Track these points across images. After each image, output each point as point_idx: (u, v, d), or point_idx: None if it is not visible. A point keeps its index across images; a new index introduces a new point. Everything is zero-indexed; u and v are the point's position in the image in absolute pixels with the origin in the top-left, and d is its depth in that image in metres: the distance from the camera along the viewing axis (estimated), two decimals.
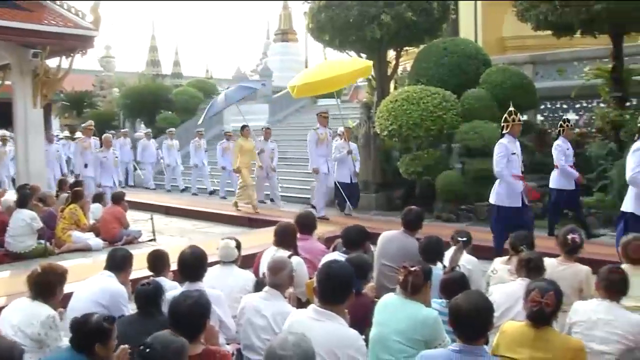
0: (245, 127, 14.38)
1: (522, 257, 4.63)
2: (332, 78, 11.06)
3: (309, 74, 11.77)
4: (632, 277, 4.45)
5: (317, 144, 12.74)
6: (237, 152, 14.16)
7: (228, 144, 17.10)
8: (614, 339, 3.99)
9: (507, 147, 8.29)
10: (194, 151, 18.67)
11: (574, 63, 16.88)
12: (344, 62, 13.09)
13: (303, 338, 2.80)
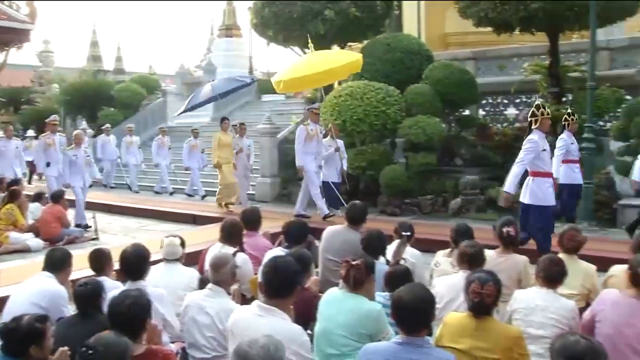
0: (225, 120, 13.84)
1: (463, 250, 4.71)
2: (322, 72, 10.35)
3: (296, 67, 10.98)
4: (567, 265, 4.59)
5: (306, 141, 11.84)
6: (215, 147, 13.43)
7: (196, 142, 16.64)
8: (550, 323, 4.13)
9: (537, 144, 7.92)
10: (156, 149, 17.91)
11: (514, 59, 17.28)
12: (333, 54, 12.29)
13: (275, 343, 2.78)
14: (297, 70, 10.77)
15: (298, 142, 11.85)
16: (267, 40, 16.98)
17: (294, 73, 10.65)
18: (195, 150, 16.54)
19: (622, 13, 13.66)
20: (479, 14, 13.80)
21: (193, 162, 16.42)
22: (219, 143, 13.36)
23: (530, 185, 8.08)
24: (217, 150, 13.33)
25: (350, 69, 10.79)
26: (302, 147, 11.78)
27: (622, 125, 12.05)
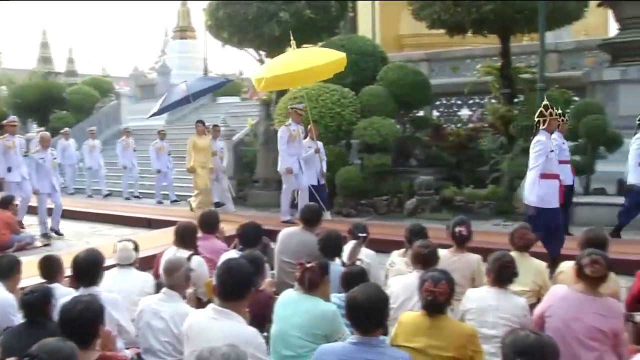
0: (199, 123, 13.32)
1: (417, 250, 4.75)
2: (305, 71, 9.93)
3: (278, 65, 10.49)
4: (519, 263, 4.68)
5: (289, 142, 11.33)
6: (190, 150, 12.89)
7: (162, 144, 16.16)
8: (502, 323, 4.19)
9: (546, 145, 7.70)
10: (121, 151, 17.24)
11: (467, 61, 17.58)
12: (316, 52, 11.95)
13: (237, 353, 2.76)
14: (279, 67, 10.30)
15: (282, 143, 11.33)
16: (222, 42, 16.88)
17: (277, 70, 10.20)
18: (162, 152, 16.05)
19: (568, 17, 14.05)
20: (432, 16, 13.99)
21: (162, 165, 15.97)
22: (194, 146, 12.87)
23: (539, 188, 7.75)
24: (192, 154, 12.84)
25: (335, 67, 10.49)
26: (287, 149, 11.30)
27: (570, 125, 12.33)
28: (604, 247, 4.89)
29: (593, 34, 22.04)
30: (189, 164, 12.84)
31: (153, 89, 27.49)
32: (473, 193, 12.07)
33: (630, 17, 14.49)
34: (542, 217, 7.59)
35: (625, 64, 14.14)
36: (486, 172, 12.61)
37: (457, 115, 16.92)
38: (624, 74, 13.89)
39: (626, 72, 13.89)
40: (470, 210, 11.70)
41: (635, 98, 13.13)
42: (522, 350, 2.80)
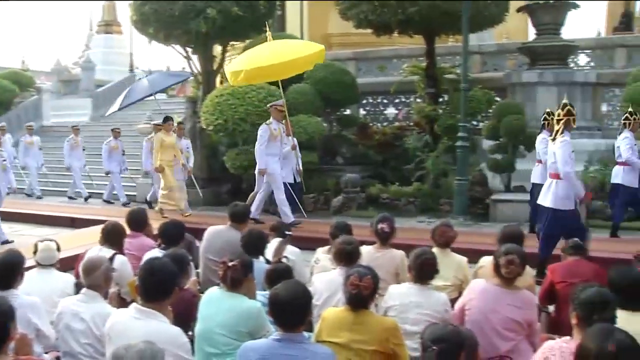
0: (169, 120, 12.52)
1: (339, 248, 4.81)
2: (290, 62, 9.59)
3: (258, 57, 10.01)
4: (440, 259, 4.81)
5: (270, 141, 10.75)
6: (157, 148, 12.14)
7: (116, 143, 15.15)
8: (424, 319, 4.28)
9: (571, 144, 7.60)
10: (68, 150, 16.00)
11: (394, 60, 17.86)
12: (295, 44, 11.48)
13: (153, 349, 2.73)
14: (261, 59, 9.84)
15: (260, 142, 10.68)
16: (148, 38, 16.57)
17: (259, 62, 9.75)
18: (116, 152, 15.07)
19: (490, 21, 14.50)
20: (359, 15, 14.15)
21: (113, 165, 14.97)
22: (162, 144, 12.14)
23: (555, 188, 7.68)
24: (159, 153, 12.12)
25: (316, 59, 10.20)
26: (265, 148, 10.69)
27: (492, 124, 12.74)
28: (520, 242, 5.09)
29: (514, 37, 22.83)
30: (155, 163, 12.23)
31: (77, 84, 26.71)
32: (398, 190, 12.29)
33: (546, 23, 15.16)
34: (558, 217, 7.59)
35: (542, 67, 14.73)
36: (411, 170, 12.87)
37: (383, 114, 17.17)
38: (541, 77, 14.48)
39: (543, 74, 14.49)
40: (395, 207, 11.92)
41: (551, 99, 13.68)
42: (438, 338, 2.90)
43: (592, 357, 2.68)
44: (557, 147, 7.54)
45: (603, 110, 15.45)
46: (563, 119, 7.62)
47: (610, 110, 15.39)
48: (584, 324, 3.17)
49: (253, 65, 9.68)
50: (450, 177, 11.99)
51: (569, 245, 5.30)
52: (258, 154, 10.71)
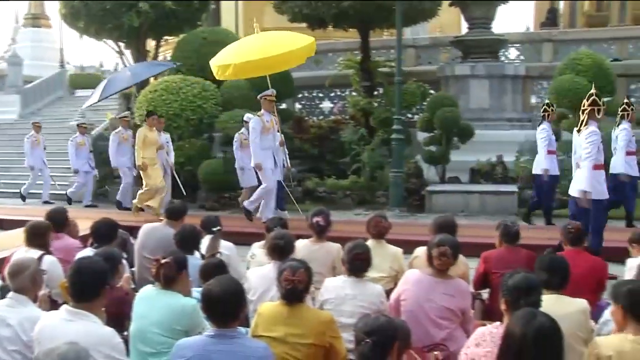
0: (152, 115, 11.63)
1: (272, 242, 4.80)
2: (282, 55, 9.18)
3: (247, 50, 9.54)
4: (375, 250, 4.86)
5: (262, 134, 10.15)
6: (140, 145, 11.27)
7: (83, 139, 14.07)
8: (359, 311, 4.30)
9: (599, 135, 7.56)
10: (29, 149, 14.66)
11: (329, 54, 17.92)
12: (285, 37, 10.84)
13: (76, 350, 2.65)
14: (252, 52, 9.43)
15: (254, 135, 10.08)
16: (79, 32, 16.16)
17: (249, 56, 9.34)
18: (82, 149, 14.02)
19: (424, 15, 14.74)
20: (294, 9, 14.17)
21: (80, 163, 13.92)
22: (145, 141, 11.26)
23: (592, 180, 7.55)
24: (142, 150, 11.26)
25: (307, 52, 9.90)
26: (260, 142, 10.10)
27: (427, 117, 12.94)
28: (453, 232, 5.19)
29: (447, 31, 23.26)
30: (138, 161, 11.34)
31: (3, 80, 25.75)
32: (335, 184, 12.36)
33: (478, 17, 15.52)
34: (600, 208, 7.57)
35: (474, 60, 15.06)
36: (347, 163, 12.96)
37: (319, 108, 17.23)
38: (473, 70, 14.80)
39: (475, 67, 14.82)
40: (332, 200, 12.00)
41: (483, 92, 14.02)
42: (372, 331, 2.91)
43: (517, 340, 2.76)
44: (583, 139, 7.53)
45: (532, 102, 15.92)
46: (587, 109, 7.64)
47: (539, 102, 15.83)
48: (511, 309, 3.26)
49: (243, 59, 9.31)
50: (386, 169, 12.14)
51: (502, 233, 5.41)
52: (253, 148, 10.13)
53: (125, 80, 11.90)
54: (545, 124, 9.97)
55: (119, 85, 12.02)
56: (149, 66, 12.70)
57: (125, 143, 12.69)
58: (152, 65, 12.73)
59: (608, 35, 17.79)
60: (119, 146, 12.63)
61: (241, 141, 11.65)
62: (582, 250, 5.24)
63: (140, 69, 12.37)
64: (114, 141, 12.71)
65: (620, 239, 6.90)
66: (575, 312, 3.93)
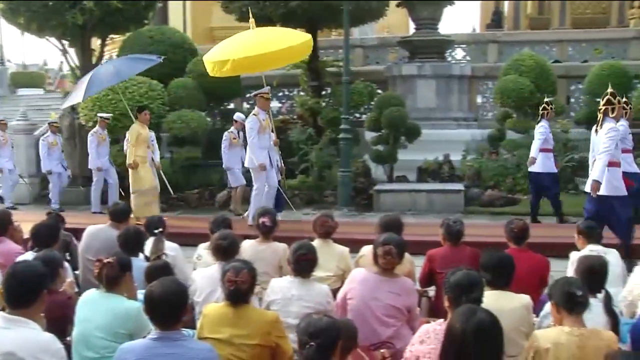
0: (145, 111, 10.97)
1: (216, 243, 4.76)
2: (278, 52, 8.94)
3: (245, 45, 9.23)
4: (321, 250, 4.87)
5: (259, 133, 9.74)
6: (133, 143, 10.57)
7: (55, 139, 13.06)
8: (305, 312, 4.28)
9: (619, 132, 7.67)
10: None
11: None
12: (282, 33, 10.57)
13: None
14: (249, 48, 9.10)
15: (252, 135, 9.67)
16: (19, 29, 15.73)
17: (247, 51, 9.01)
18: (54, 149, 13.07)
19: (371, 15, 14.85)
20: (242, 9, 14.09)
21: (53, 164, 12.97)
22: (137, 138, 10.56)
23: (607, 175, 7.54)
24: (135, 147, 10.54)
25: (305, 49, 9.68)
26: (258, 141, 9.70)
27: (374, 117, 13.04)
28: (399, 231, 5.24)
29: (395, 31, 23.50)
30: (130, 159, 10.59)
31: None
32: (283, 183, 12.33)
33: (425, 18, 15.74)
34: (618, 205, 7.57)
35: (421, 60, 15.25)
36: (296, 163, 12.95)
37: None
38: (420, 69, 15.00)
39: (422, 67, 15.02)
40: None
41: (430, 91, 14.20)
42: (315, 333, 2.92)
43: (457, 336, 2.82)
44: (603, 135, 7.56)
45: (478, 102, 16.23)
46: (602, 108, 7.74)
47: (484, 101, 16.18)
48: (454, 306, 3.31)
49: (242, 54, 8.99)
50: (334, 169, 12.18)
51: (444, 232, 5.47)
52: (252, 148, 9.71)
53: (108, 78, 10.99)
54: (544, 121, 10.13)
55: (102, 83, 11.09)
56: (134, 61, 11.77)
57: (104, 144, 12.14)
58: (137, 61, 11.79)
59: (550, 38, 18.25)
60: (98, 147, 12.03)
61: (230, 140, 11.51)
62: (525, 248, 5.34)
63: (125, 64, 11.52)
64: (92, 142, 12.07)
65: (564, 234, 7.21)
66: (518, 307, 4.05)
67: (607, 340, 3.41)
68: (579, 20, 25.43)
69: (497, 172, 12.30)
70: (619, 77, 13.40)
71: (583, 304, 3.46)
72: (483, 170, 12.39)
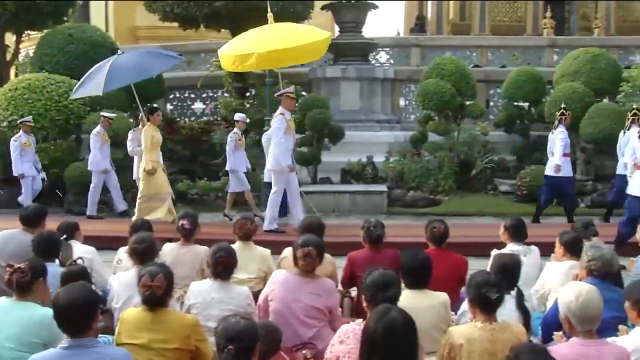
0: (156, 111, 10.38)
1: (132, 246, 4.66)
2: (303, 47, 8.75)
3: (267, 40, 8.89)
4: (242, 252, 4.86)
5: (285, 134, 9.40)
6: (148, 146, 9.80)
7: (28, 139, 11.75)
8: (226, 315, 4.29)
9: None
10: None
11: (202, 54, 17.69)
12: (301, 28, 10.35)
13: None
14: (274, 42, 8.78)
15: (279, 135, 9.30)
16: None
17: (272, 45, 8.70)
18: (27, 150, 11.77)
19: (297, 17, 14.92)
20: (165, 8, 13.91)
21: (26, 166, 11.76)
22: (152, 141, 9.86)
23: None
24: (151, 152, 9.84)
25: (325, 46, 9.49)
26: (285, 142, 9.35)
27: (298, 118, 13.06)
28: (320, 233, 5.28)
29: None
30: (147, 165, 9.81)
31: None
32: (207, 185, 12.22)
33: (349, 21, 15.92)
34: None
35: (345, 62, 15.41)
36: (220, 164, 12.84)
37: (191, 109, 16.94)
38: (344, 72, 15.16)
39: (346, 70, 15.17)
40: (205, 202, 11.89)
41: (353, 94, 14.36)
42: (233, 337, 2.92)
43: (369, 335, 2.88)
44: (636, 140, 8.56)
45: (401, 105, 16.50)
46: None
47: (407, 104, 16.46)
48: (372, 305, 3.38)
49: (267, 48, 8.66)
50: (258, 170, 12.13)
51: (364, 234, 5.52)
52: (279, 149, 9.31)
53: (132, 73, 10.02)
54: (561, 127, 10.35)
55: (125, 78, 10.11)
56: (156, 57, 10.68)
57: (107, 144, 11.57)
58: (159, 56, 10.72)
59: (470, 43, 18.75)
60: (101, 148, 11.41)
61: (236, 142, 11.13)
62: (445, 249, 5.46)
63: (147, 59, 10.41)
64: (95, 142, 11.42)
65: None
66: (435, 304, 4.18)
67: (516, 333, 3.56)
68: (497, 27, 26.37)
69: (420, 173, 12.55)
70: (534, 82, 13.95)
71: (496, 304, 3.58)
72: (406, 172, 12.62)
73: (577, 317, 3.34)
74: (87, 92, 10.38)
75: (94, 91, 10.09)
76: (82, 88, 10.07)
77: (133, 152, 10.37)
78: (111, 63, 9.66)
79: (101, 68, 9.75)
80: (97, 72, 9.82)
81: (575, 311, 3.34)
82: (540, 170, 11.46)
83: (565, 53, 15.47)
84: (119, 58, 9.84)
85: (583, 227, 5.77)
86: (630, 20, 28.03)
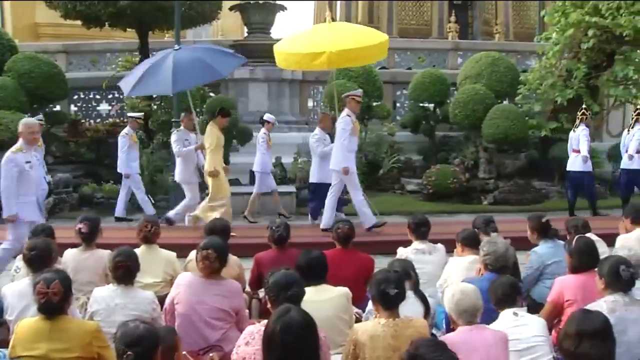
0: (224, 110, 9.72)
1: (24, 252, 4.52)
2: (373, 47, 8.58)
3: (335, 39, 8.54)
4: (146, 256, 4.79)
5: (351, 135, 9.22)
6: (214, 148, 9.23)
7: None
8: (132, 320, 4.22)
9: None
10: None
11: (107, 54, 17.28)
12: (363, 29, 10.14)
13: None
14: (345, 41, 8.50)
15: (343, 136, 9.09)
16: None
17: (344, 44, 8.42)
18: (135, 146, 11.46)
19: (204, 18, 14.79)
20: (67, 5, 13.49)
21: None
22: (218, 143, 9.32)
23: None
24: (216, 154, 9.33)
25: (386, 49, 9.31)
26: (348, 144, 9.16)
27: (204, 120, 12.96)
28: (225, 236, 5.28)
29: (230, 35, 23.49)
30: (210, 167, 9.25)
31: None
32: (113, 189, 11.92)
33: (257, 22, 15.97)
34: None
35: (253, 64, 15.41)
36: None
37: (96, 110, 16.48)
38: (252, 73, 15.19)
39: (254, 71, 15.19)
40: (111, 206, 11.56)
41: (262, 95, 14.39)
42: (133, 342, 2.90)
43: (268, 336, 2.93)
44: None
45: (309, 106, 16.66)
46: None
47: (315, 105, 16.63)
48: (275, 305, 3.43)
49: (339, 47, 8.37)
50: (165, 173, 11.95)
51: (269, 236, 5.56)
52: (340, 150, 9.13)
53: (201, 73, 9.04)
54: (583, 125, 11.02)
55: (195, 78, 9.32)
56: (221, 55, 9.57)
57: (135, 146, 11.12)
58: (224, 54, 9.71)
59: None
60: (129, 150, 10.88)
61: (267, 142, 11.02)
62: (352, 249, 5.56)
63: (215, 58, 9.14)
64: (124, 144, 10.86)
65: None
66: (335, 297, 4.30)
67: (418, 327, 3.70)
68: (404, 30, 27.05)
69: None
70: (438, 84, 14.43)
71: (396, 300, 3.69)
72: None
73: (454, 312, 3.75)
74: (151, 90, 9.98)
75: (162, 90, 9.83)
76: (141, 85, 8.88)
77: (179, 154, 9.83)
78: (173, 61, 8.74)
79: (160, 65, 8.87)
80: (157, 68, 8.85)
81: (452, 307, 3.76)
82: (445, 169, 11.84)
83: (469, 56, 16.07)
84: (179, 55, 8.97)
85: (484, 224, 5.94)
86: (526, 27, 29.45)
